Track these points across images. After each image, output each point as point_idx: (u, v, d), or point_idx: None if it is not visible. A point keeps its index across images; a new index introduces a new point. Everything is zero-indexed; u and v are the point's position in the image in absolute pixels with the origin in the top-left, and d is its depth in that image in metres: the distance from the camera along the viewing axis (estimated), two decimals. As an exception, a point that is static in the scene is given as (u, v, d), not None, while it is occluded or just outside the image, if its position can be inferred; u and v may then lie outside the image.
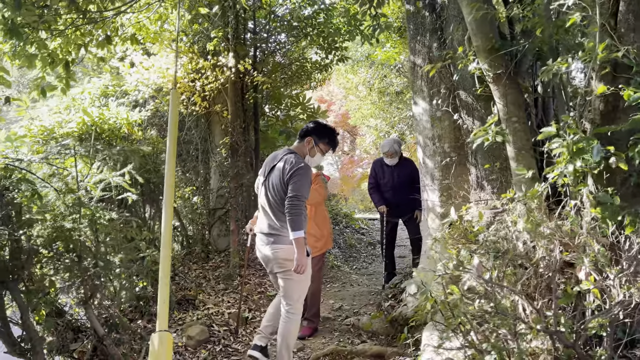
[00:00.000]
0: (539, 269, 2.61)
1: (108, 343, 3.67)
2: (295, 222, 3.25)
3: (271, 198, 3.52)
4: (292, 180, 3.31)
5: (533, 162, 3.48)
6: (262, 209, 3.66)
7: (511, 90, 3.48)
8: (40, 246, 3.37)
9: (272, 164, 3.62)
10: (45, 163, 3.62)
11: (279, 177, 3.47)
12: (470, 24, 3.54)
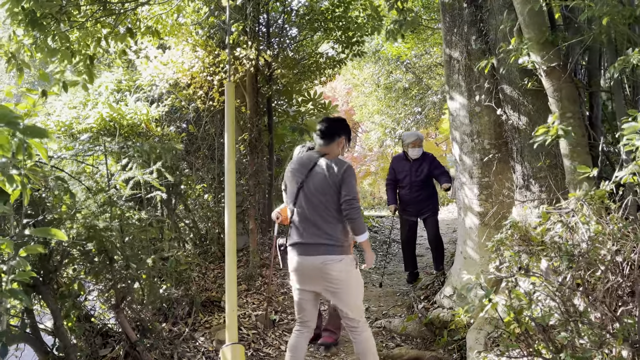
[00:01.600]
0: (616, 274, 2.45)
1: (141, 349, 3.50)
2: (359, 224, 3.02)
3: (319, 204, 3.11)
4: (345, 182, 3.05)
5: (589, 160, 3.34)
6: (300, 218, 3.18)
7: (565, 85, 3.33)
8: (71, 247, 3.18)
9: (308, 168, 3.22)
10: (75, 160, 3.43)
11: (325, 182, 3.11)
12: (522, 15, 3.38)
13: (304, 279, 3.17)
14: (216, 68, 6.09)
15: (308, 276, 3.14)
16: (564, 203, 2.82)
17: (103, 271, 3.49)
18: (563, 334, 2.39)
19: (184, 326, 4.40)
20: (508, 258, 2.80)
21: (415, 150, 5.89)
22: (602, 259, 2.52)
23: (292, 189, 3.25)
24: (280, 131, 9.09)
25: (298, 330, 3.22)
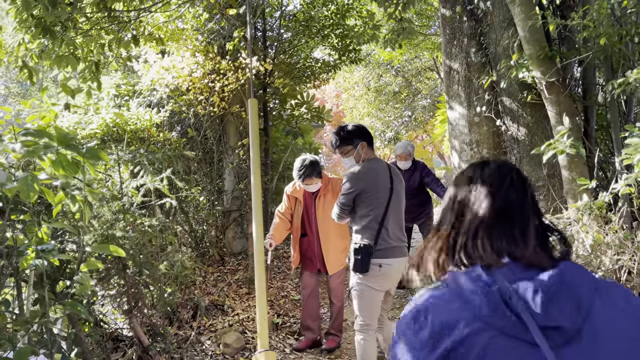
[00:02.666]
0: (616, 281, 2.61)
1: (153, 353, 3.58)
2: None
3: (400, 209, 3.30)
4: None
5: (586, 170, 3.50)
6: (392, 222, 3.21)
7: (564, 99, 3.49)
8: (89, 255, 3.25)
9: (388, 175, 3.26)
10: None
11: (402, 187, 3.32)
12: (522, 31, 3.54)
13: (391, 281, 3.23)
14: (217, 75, 6.16)
15: (395, 278, 3.23)
16: (565, 213, 2.97)
17: (116, 277, 3.56)
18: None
19: (189, 330, 4.48)
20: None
21: (403, 163, 5.98)
22: (602, 267, 2.67)
23: (383, 196, 3.19)
24: (273, 134, 9.18)
25: (369, 335, 3.22)
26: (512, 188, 1.11)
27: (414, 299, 1.04)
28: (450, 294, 1.00)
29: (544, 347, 0.88)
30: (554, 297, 0.93)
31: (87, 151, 1.45)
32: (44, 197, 1.68)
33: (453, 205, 1.16)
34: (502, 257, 1.03)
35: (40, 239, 1.65)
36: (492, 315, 0.93)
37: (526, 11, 3.50)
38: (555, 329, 0.91)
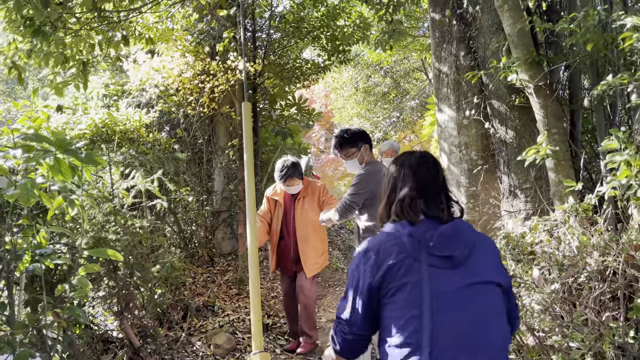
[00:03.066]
0: (601, 282, 2.67)
1: (144, 355, 3.58)
2: None
3: None
4: None
5: (572, 173, 3.57)
6: None
7: (551, 103, 3.56)
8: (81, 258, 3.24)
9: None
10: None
11: None
12: (511, 36, 3.60)
13: None
14: (207, 76, 6.16)
15: None
16: (552, 215, 3.03)
17: (106, 279, 3.56)
18: (555, 338, 2.60)
19: (179, 331, 4.49)
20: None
21: (388, 160, 6.05)
22: (589, 268, 2.73)
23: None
24: (263, 135, 9.19)
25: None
26: (428, 171, 1.72)
27: (365, 242, 1.67)
28: (387, 237, 1.62)
29: (424, 266, 1.52)
30: (449, 239, 1.57)
31: (86, 156, 1.46)
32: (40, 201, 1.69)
33: (390, 181, 1.77)
34: (419, 215, 1.64)
35: (38, 242, 1.66)
36: (411, 249, 1.55)
37: (514, 16, 3.56)
38: (449, 257, 1.54)
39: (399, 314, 1.50)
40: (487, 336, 1.50)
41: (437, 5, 4.63)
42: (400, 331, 1.49)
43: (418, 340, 1.44)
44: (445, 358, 1.43)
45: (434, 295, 1.48)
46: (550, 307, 2.75)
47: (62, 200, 1.50)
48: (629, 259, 2.67)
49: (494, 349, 1.50)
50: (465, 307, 1.50)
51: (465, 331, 1.47)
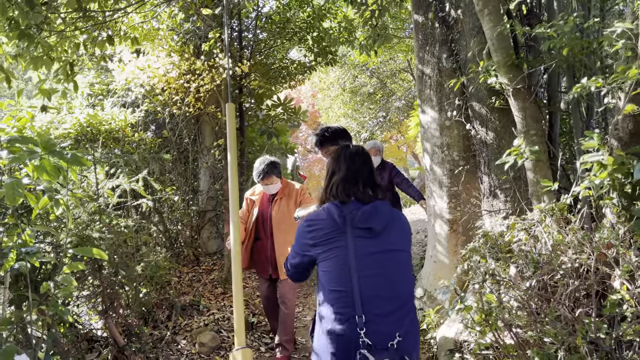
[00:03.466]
0: (575, 279, 2.76)
1: (129, 353, 3.60)
2: None
3: None
4: None
5: (549, 173, 3.66)
6: None
7: (530, 105, 3.64)
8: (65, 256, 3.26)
9: None
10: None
11: None
12: (491, 40, 3.68)
13: None
14: (192, 75, 6.18)
15: None
16: (529, 215, 3.11)
17: (90, 278, 3.58)
18: (530, 333, 2.68)
19: (165, 330, 4.51)
20: (477, 264, 3.08)
21: (373, 158, 6.10)
22: (563, 266, 2.82)
23: None
24: (249, 134, 9.21)
25: None
26: (358, 162, 2.24)
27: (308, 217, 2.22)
28: (324, 213, 2.16)
29: (349, 235, 2.08)
30: (369, 216, 2.10)
31: (71, 157, 1.50)
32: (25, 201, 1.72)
33: (329, 170, 2.28)
34: (350, 197, 2.16)
35: (24, 241, 1.69)
36: (341, 223, 2.10)
37: (494, 20, 3.63)
38: (369, 229, 2.08)
39: (332, 269, 2.07)
40: (397, 287, 2.09)
41: (420, 8, 4.71)
42: (335, 281, 2.06)
43: (347, 287, 2.03)
44: (368, 300, 2.01)
45: (358, 257, 2.05)
46: (526, 304, 2.84)
47: (48, 200, 1.53)
48: (601, 257, 2.76)
49: (403, 297, 2.10)
50: (381, 266, 2.07)
51: (381, 283, 2.05)
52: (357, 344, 1.96)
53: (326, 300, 2.08)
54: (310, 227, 2.16)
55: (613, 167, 2.73)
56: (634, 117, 2.88)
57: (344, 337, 1.99)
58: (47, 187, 1.51)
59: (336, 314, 2.03)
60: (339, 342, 2.00)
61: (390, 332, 2.01)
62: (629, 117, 2.90)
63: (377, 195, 2.20)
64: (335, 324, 2.02)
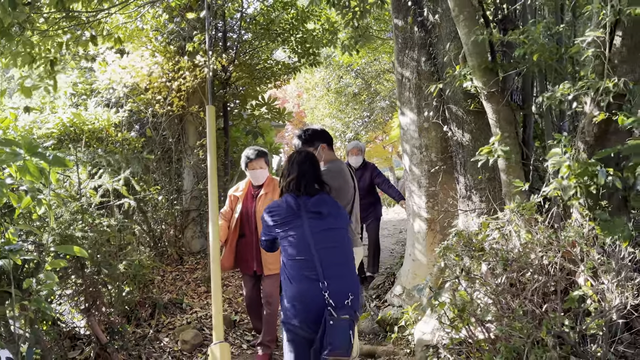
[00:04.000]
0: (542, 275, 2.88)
1: (111, 350, 3.66)
2: None
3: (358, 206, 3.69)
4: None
5: (522, 174, 3.79)
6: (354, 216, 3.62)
7: (503, 108, 3.76)
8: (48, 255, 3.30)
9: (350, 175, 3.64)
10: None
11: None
12: (466, 44, 3.79)
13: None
14: (175, 74, 6.22)
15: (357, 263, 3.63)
16: (500, 214, 3.23)
17: (73, 276, 3.62)
18: (499, 327, 2.80)
19: (147, 328, 4.56)
20: (452, 262, 3.19)
21: (353, 158, 6.21)
22: (531, 263, 2.94)
23: (350, 194, 3.52)
24: (233, 134, 9.26)
25: None
26: (306, 165, 2.86)
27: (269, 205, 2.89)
28: (283, 201, 2.80)
29: (304, 217, 2.74)
30: (318, 203, 2.77)
31: (53, 158, 1.57)
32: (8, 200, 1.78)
33: (285, 169, 2.91)
34: (301, 190, 2.79)
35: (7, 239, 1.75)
36: (296, 209, 2.75)
37: (469, 25, 3.75)
38: (318, 213, 2.75)
39: (295, 243, 2.69)
40: (345, 255, 2.79)
41: (400, 12, 4.81)
42: (298, 252, 2.67)
43: (309, 256, 2.65)
44: (327, 266, 2.64)
45: (313, 234, 2.70)
46: (496, 300, 2.95)
47: (31, 200, 1.60)
48: (566, 254, 2.89)
49: (349, 263, 2.80)
50: (331, 240, 2.73)
51: (334, 253, 2.72)
52: (324, 303, 2.56)
53: (293, 267, 2.67)
54: (271, 213, 2.80)
55: (578, 171, 2.85)
56: (599, 122, 3.01)
57: (313, 298, 2.58)
58: (30, 188, 1.58)
59: (303, 276, 2.64)
60: (309, 301, 2.59)
61: (346, 291, 2.64)
62: (595, 122, 3.03)
63: (322, 189, 2.88)
64: (303, 284, 2.62)
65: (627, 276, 2.75)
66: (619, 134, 3.03)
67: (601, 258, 2.75)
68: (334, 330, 2.51)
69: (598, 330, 2.74)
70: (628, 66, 2.93)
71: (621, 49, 2.92)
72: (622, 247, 2.82)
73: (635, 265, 2.88)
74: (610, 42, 2.95)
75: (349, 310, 2.59)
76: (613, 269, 2.75)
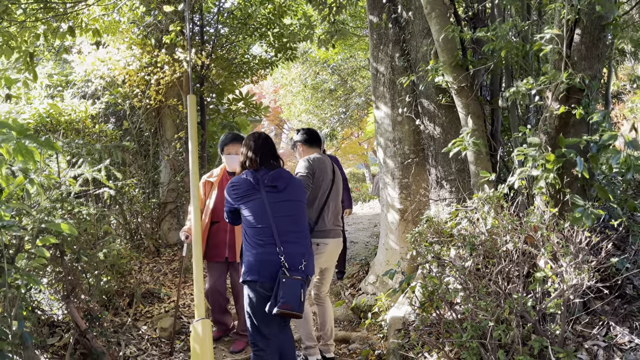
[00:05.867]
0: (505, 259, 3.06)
1: (90, 337, 3.71)
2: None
3: (339, 199, 3.98)
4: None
5: (489, 166, 3.98)
6: (331, 210, 3.86)
7: (472, 102, 3.94)
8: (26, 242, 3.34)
9: (331, 168, 3.94)
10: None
11: (340, 180, 3.99)
12: (438, 41, 3.96)
13: (328, 259, 3.90)
14: (154, 68, 6.25)
15: (331, 257, 3.93)
16: (469, 202, 3.40)
17: (52, 264, 3.66)
18: (465, 307, 2.97)
19: (126, 316, 4.62)
20: (423, 248, 3.36)
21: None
22: (496, 248, 3.12)
23: (325, 185, 3.82)
24: (210, 128, 9.29)
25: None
26: (266, 146, 3.24)
27: (231, 180, 3.19)
28: (243, 177, 3.13)
29: (262, 191, 3.08)
30: (274, 178, 3.12)
31: (45, 141, 1.65)
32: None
33: (243, 149, 3.25)
34: (260, 167, 3.16)
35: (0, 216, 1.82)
36: (255, 183, 3.09)
37: (441, 23, 3.91)
38: (275, 187, 3.11)
39: (255, 212, 3.02)
40: (299, 224, 3.15)
41: (375, 9, 4.96)
42: (257, 221, 3.01)
43: (267, 224, 3.00)
44: (282, 233, 3.00)
45: (270, 205, 3.04)
46: (463, 282, 3.12)
47: (23, 179, 1.67)
48: (529, 239, 3.08)
49: (304, 231, 3.17)
50: (286, 210, 3.08)
51: (289, 221, 3.08)
52: (279, 265, 2.93)
53: (254, 234, 3.00)
54: (233, 187, 3.11)
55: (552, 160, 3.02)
56: (559, 115, 3.20)
57: (270, 260, 2.94)
58: (22, 168, 1.65)
59: (262, 241, 2.98)
60: (267, 263, 2.95)
61: (299, 256, 3.03)
62: (556, 115, 3.22)
63: (279, 165, 3.25)
64: (261, 249, 2.97)
65: (583, 259, 2.95)
66: (578, 126, 3.23)
67: (560, 242, 2.94)
68: (286, 287, 2.86)
69: (557, 309, 2.93)
70: (587, 63, 3.13)
71: (580, 46, 3.12)
72: (579, 231, 3.01)
73: (592, 249, 3.09)
74: (570, 40, 3.14)
75: (301, 273, 2.97)
76: (571, 252, 2.94)
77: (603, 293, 2.93)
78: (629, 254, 3.38)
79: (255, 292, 2.97)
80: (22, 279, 1.86)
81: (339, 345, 4.43)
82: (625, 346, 3.00)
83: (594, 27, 3.12)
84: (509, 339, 2.86)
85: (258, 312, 2.98)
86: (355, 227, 9.44)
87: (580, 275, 2.88)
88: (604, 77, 4.57)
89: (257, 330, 3.02)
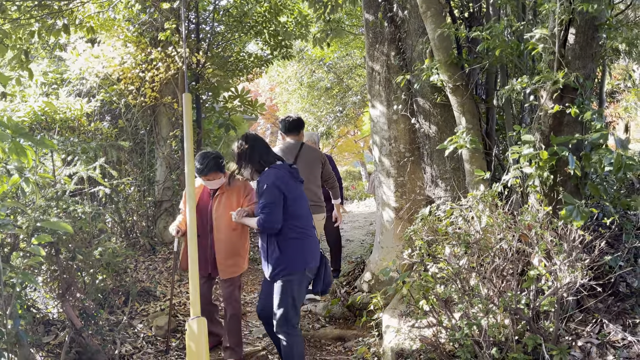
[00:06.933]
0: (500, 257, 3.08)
1: (86, 335, 3.71)
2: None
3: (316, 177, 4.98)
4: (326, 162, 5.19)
5: (484, 164, 3.99)
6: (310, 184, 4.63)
7: (467, 101, 3.96)
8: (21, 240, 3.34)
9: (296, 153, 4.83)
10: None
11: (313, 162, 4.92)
12: (433, 40, 3.97)
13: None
14: (148, 65, 6.24)
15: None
16: (464, 201, 3.42)
17: (47, 263, 3.66)
18: (460, 306, 2.98)
19: (121, 315, 4.61)
20: (419, 246, 3.37)
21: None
22: (491, 246, 3.14)
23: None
24: (206, 126, 9.27)
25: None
26: (260, 144, 3.45)
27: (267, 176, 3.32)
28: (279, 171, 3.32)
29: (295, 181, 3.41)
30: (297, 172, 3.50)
31: (40, 140, 1.65)
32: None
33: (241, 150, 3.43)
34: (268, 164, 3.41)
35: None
36: (288, 175, 3.35)
37: (436, 22, 3.92)
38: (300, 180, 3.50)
39: (296, 202, 3.29)
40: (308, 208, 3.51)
41: (370, 7, 4.96)
42: (301, 210, 3.35)
43: (306, 212, 3.42)
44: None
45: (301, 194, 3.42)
46: (458, 279, 3.14)
47: (18, 179, 1.68)
48: (523, 237, 3.10)
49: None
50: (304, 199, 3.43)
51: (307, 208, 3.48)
52: (319, 252, 3.41)
53: (298, 223, 3.29)
54: (281, 180, 3.25)
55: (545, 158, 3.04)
56: (554, 114, 3.22)
57: (315, 244, 3.38)
58: (18, 167, 1.65)
59: (305, 226, 3.34)
60: (315, 247, 3.38)
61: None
62: (550, 114, 3.24)
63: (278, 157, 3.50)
64: (307, 235, 3.32)
65: (577, 257, 2.97)
66: (572, 125, 3.25)
67: (554, 240, 2.96)
68: (328, 271, 3.44)
69: (550, 307, 2.95)
70: (580, 62, 3.15)
71: (574, 45, 3.14)
72: (573, 230, 3.03)
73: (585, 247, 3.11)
74: (564, 39, 3.16)
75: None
76: (565, 250, 2.96)
77: (596, 291, 2.95)
78: (622, 252, 3.40)
79: (303, 278, 3.28)
80: (18, 278, 1.87)
81: (334, 344, 4.45)
82: (618, 344, 3.02)
83: (587, 27, 3.14)
84: (503, 336, 2.88)
85: (301, 298, 3.35)
86: (351, 225, 9.46)
87: (573, 273, 2.91)
88: (598, 76, 4.59)
89: (294, 315, 3.27)
